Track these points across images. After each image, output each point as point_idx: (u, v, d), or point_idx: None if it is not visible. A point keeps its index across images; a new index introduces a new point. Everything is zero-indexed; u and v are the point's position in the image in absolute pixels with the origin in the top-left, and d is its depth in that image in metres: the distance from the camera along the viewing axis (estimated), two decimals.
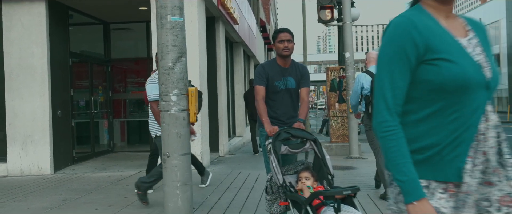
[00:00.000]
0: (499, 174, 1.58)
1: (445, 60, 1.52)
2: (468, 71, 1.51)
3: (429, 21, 1.58)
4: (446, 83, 1.51)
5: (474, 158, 1.55)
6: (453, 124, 1.54)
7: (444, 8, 1.63)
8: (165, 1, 4.20)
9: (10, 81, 8.54)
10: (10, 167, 8.53)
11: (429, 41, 1.53)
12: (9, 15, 8.55)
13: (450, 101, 1.54)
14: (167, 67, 4.19)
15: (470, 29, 1.68)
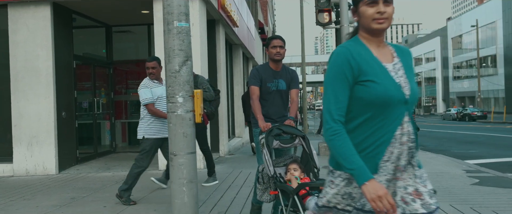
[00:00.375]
0: (409, 172, 1.98)
1: (372, 82, 1.93)
2: (389, 90, 1.93)
3: (362, 50, 2.00)
4: (373, 100, 1.93)
5: (388, 157, 1.95)
6: (377, 130, 1.95)
7: (375, 40, 2.04)
8: (171, 7, 4.42)
9: (15, 83, 8.74)
10: (16, 167, 8.73)
11: (361, 66, 1.95)
12: (14, 18, 8.75)
13: (376, 112, 1.95)
14: (174, 70, 4.40)
15: (396, 56, 2.08)
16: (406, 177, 1.99)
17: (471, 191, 6.25)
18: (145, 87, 5.78)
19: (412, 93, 1.99)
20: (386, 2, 1.99)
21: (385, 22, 2.00)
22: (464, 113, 43.23)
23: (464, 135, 21.21)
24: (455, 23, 66.29)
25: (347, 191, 2.01)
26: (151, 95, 5.72)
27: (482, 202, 5.51)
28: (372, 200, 1.84)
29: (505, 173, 8.12)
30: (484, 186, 6.58)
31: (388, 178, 1.97)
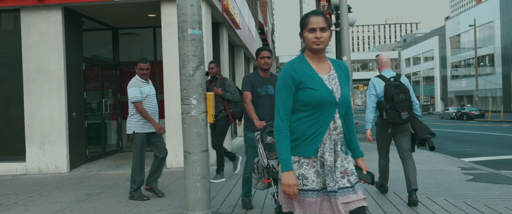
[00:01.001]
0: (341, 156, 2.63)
1: (310, 88, 2.58)
2: (323, 95, 2.58)
3: (304, 66, 2.65)
4: (310, 101, 2.58)
5: (324, 143, 2.59)
6: (315, 123, 2.60)
7: (316, 56, 2.67)
8: (186, 16, 4.77)
9: (28, 85, 9.08)
10: (29, 165, 9.07)
11: (301, 78, 2.61)
12: (27, 22, 9.09)
13: (313, 111, 2.60)
14: (188, 74, 4.76)
15: (333, 68, 2.71)
16: (339, 159, 2.61)
17: (465, 186, 6.61)
18: (135, 86, 6.15)
19: (342, 97, 2.62)
20: (323, 29, 2.59)
21: (322, 44, 2.61)
22: (462, 112, 43.61)
23: (462, 134, 21.58)
24: (453, 22, 66.70)
25: (300, 172, 2.60)
26: (139, 94, 6.10)
27: (474, 196, 5.87)
28: (283, 185, 2.55)
29: (498, 170, 8.48)
30: (478, 182, 6.94)
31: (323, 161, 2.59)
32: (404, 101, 5.47)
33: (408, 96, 5.50)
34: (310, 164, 2.58)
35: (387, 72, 5.81)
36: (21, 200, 6.40)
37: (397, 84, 5.57)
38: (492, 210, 5.10)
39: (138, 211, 5.44)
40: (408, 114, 5.48)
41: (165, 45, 9.03)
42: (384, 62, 5.93)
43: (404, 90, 5.51)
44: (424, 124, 5.79)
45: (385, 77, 5.69)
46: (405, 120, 5.50)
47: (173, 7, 8.93)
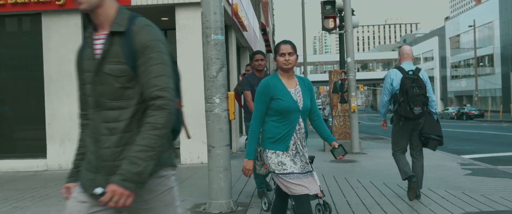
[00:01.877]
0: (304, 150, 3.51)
1: (279, 99, 3.41)
2: (289, 104, 3.40)
3: (277, 81, 3.49)
4: (280, 109, 3.41)
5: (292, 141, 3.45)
6: (284, 125, 3.44)
7: (286, 74, 3.51)
8: (210, 22, 5.26)
9: (49, 86, 9.56)
10: (49, 162, 9.55)
11: (274, 91, 3.43)
12: (48, 26, 9.57)
13: (282, 116, 3.44)
14: (212, 76, 5.24)
15: (298, 84, 3.54)
16: (304, 152, 3.49)
17: (464, 179, 7.10)
18: None
19: (303, 106, 3.47)
20: (290, 54, 3.44)
21: (289, 65, 3.45)
22: (461, 111, 44.08)
23: (461, 133, 22.06)
24: (453, 23, 67.17)
25: (278, 160, 3.41)
26: None
27: (472, 188, 6.36)
28: (243, 167, 3.55)
29: (495, 166, 8.97)
30: (476, 176, 7.42)
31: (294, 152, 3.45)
32: (418, 96, 5.37)
33: (423, 91, 5.39)
34: (285, 154, 3.44)
35: (407, 65, 5.66)
36: (50, 192, 6.88)
37: (414, 78, 5.45)
38: (487, 199, 5.58)
39: None
40: (421, 109, 5.38)
41: (179, 48, 9.50)
42: (405, 54, 5.77)
43: (420, 85, 5.39)
44: (437, 123, 5.66)
45: (404, 70, 5.57)
46: (417, 115, 5.40)
47: (187, 12, 9.41)
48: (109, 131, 1.93)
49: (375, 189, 6.45)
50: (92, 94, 1.97)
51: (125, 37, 1.91)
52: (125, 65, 1.90)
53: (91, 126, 2.00)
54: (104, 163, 1.92)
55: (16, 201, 6.35)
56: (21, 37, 10.15)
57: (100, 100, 1.95)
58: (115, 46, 1.92)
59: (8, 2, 9.40)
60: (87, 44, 2.03)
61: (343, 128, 12.46)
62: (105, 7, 1.98)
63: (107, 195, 1.79)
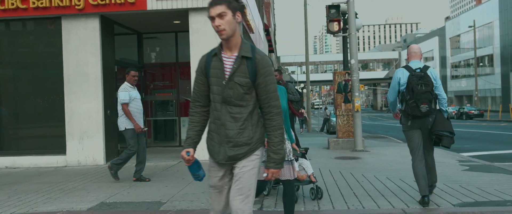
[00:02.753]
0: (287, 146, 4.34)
1: None
2: None
3: None
4: None
5: None
6: None
7: None
8: None
9: (68, 86, 10.07)
10: (69, 158, 10.06)
11: None
12: (67, 29, 10.08)
13: None
14: None
15: None
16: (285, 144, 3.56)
17: (461, 174, 7.61)
18: (125, 91, 7.46)
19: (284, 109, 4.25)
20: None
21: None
22: (461, 111, 44.58)
23: (461, 132, 22.55)
24: (453, 23, 67.67)
25: None
26: (128, 97, 7.39)
27: (469, 182, 6.87)
28: None
29: (492, 162, 9.48)
30: (473, 171, 7.94)
31: None
32: (424, 94, 5.30)
33: (429, 88, 5.31)
34: None
35: (414, 63, 5.59)
36: (77, 185, 7.39)
37: (421, 75, 5.38)
38: (483, 191, 6.10)
39: (184, 192, 6.43)
40: (428, 107, 5.31)
41: (193, 50, 10.00)
42: (413, 53, 5.67)
43: (426, 82, 5.32)
44: (447, 120, 5.55)
45: (411, 68, 5.50)
46: (424, 113, 5.33)
47: (200, 16, 9.91)
48: (233, 119, 2.92)
49: (379, 182, 6.96)
50: (221, 94, 2.92)
51: (250, 61, 2.89)
52: (248, 79, 2.88)
53: (214, 115, 2.98)
54: (228, 139, 2.93)
55: (47, 193, 6.86)
56: (42, 39, 10.66)
57: (227, 99, 2.91)
58: (243, 66, 2.89)
59: (30, 7, 9.91)
60: (215, 59, 2.96)
61: (346, 126, 12.97)
62: (235, 37, 2.92)
63: (269, 175, 2.94)
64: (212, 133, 3.01)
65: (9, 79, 10.63)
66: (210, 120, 3.05)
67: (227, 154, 2.94)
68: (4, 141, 10.58)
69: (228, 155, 2.94)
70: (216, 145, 2.99)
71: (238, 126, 2.92)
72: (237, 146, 2.93)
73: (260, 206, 5.53)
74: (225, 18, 2.88)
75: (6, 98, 10.60)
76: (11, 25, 10.54)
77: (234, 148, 2.93)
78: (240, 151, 2.93)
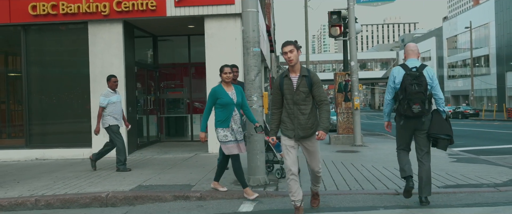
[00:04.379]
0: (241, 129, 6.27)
1: (222, 98, 6.07)
2: (227, 100, 6.07)
3: (220, 89, 6.14)
4: (222, 103, 6.08)
5: (231, 122, 6.13)
6: (225, 112, 6.10)
7: (225, 84, 6.18)
8: (249, 37, 6.78)
9: (94, 85, 11.05)
10: (94, 150, 10.99)
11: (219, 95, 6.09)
12: (93, 33, 11.06)
13: (224, 108, 6.10)
14: (251, 79, 6.76)
15: (233, 89, 6.20)
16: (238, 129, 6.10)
17: (449, 165, 8.63)
18: (105, 96, 8.66)
19: (237, 102, 6.10)
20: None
21: (229, 79, 6.09)
22: (457, 110, 45.63)
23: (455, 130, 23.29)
24: (450, 24, 68.73)
25: (224, 134, 6.06)
26: (106, 102, 8.58)
27: (454, 170, 7.90)
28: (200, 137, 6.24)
29: (478, 156, 10.50)
30: (459, 162, 8.96)
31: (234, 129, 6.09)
32: (417, 94, 5.25)
33: (422, 88, 5.25)
34: (227, 130, 6.06)
35: (411, 61, 5.53)
36: (110, 173, 8.39)
37: (416, 75, 5.32)
38: (465, 177, 7.13)
39: (208, 178, 7.43)
40: (421, 107, 5.25)
41: (208, 53, 10.98)
42: (410, 51, 5.61)
43: (420, 82, 5.25)
44: (445, 122, 5.44)
45: (407, 67, 5.45)
46: (417, 114, 5.29)
47: (215, 22, 10.90)
48: (301, 113, 4.99)
49: (377, 170, 7.98)
50: (292, 99, 4.99)
51: (307, 78, 4.97)
52: (307, 88, 4.96)
53: (289, 112, 5.03)
54: (300, 126, 4.98)
55: (86, 178, 7.86)
56: (70, 42, 11.66)
57: (297, 101, 4.98)
58: (303, 81, 4.97)
59: (60, 13, 10.90)
60: (286, 79, 5.05)
61: (346, 123, 13.99)
62: (298, 64, 5.03)
63: (320, 135, 4.82)
64: (285, 122, 5.09)
65: (39, 79, 11.60)
66: (283, 114, 5.11)
67: (300, 134, 5.00)
68: (34, 135, 11.56)
69: (300, 136, 5.01)
70: (290, 129, 5.05)
71: (305, 118, 4.99)
72: (306, 128, 5.00)
73: (275, 188, 6.54)
74: (293, 53, 4.95)
75: (36, 96, 11.57)
76: (43, 29, 11.52)
77: (303, 130, 5.00)
78: (307, 132, 5.00)
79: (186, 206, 5.90)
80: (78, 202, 6.29)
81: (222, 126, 6.07)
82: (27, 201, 6.33)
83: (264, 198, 6.11)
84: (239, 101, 6.16)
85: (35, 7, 10.93)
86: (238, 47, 10.90)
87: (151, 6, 10.74)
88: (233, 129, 6.14)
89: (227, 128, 6.08)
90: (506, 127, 25.20)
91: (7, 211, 6.18)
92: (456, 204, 5.54)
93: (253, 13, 6.81)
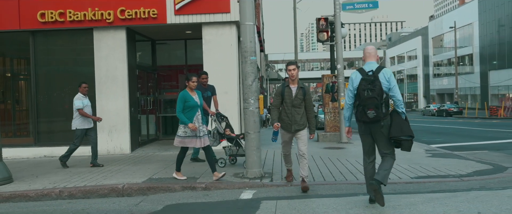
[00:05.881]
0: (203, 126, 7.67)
1: (188, 101, 7.45)
2: (193, 103, 7.49)
3: (187, 94, 7.51)
4: (188, 105, 7.45)
5: (195, 119, 7.49)
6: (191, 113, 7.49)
7: (191, 91, 7.58)
8: (247, 48, 7.69)
9: (99, 87, 11.90)
10: (100, 148, 11.84)
11: (187, 98, 7.46)
12: (98, 39, 11.90)
13: (190, 109, 7.48)
14: (249, 84, 7.68)
15: (196, 94, 7.64)
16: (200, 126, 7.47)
17: (424, 159, 9.64)
18: (79, 99, 9.72)
19: (200, 104, 7.54)
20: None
21: (195, 86, 7.54)
22: (441, 108, 47.00)
23: (436, 128, 24.78)
24: (436, 23, 70.23)
25: (185, 130, 7.41)
26: (82, 105, 9.66)
27: (427, 164, 8.90)
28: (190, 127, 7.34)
29: (452, 151, 11.54)
30: (434, 157, 9.98)
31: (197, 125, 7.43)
32: (370, 99, 5.25)
33: (375, 93, 5.22)
34: (191, 125, 7.26)
35: (369, 65, 5.52)
36: (120, 168, 9.26)
37: (371, 79, 5.31)
38: (436, 170, 8.14)
39: (209, 172, 8.32)
40: (375, 112, 5.24)
41: (205, 57, 11.87)
42: (367, 53, 5.60)
43: (373, 88, 5.24)
44: (405, 123, 5.44)
45: (364, 71, 5.45)
46: (372, 119, 5.30)
47: (212, 29, 11.79)
48: (297, 113, 6.82)
49: (359, 164, 8.96)
50: (291, 103, 6.77)
51: (303, 89, 6.87)
52: (302, 96, 6.83)
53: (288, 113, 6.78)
54: (295, 122, 6.80)
55: (99, 173, 8.72)
56: (76, 47, 12.48)
57: (295, 105, 6.80)
58: (300, 91, 6.84)
59: (67, 20, 11.71)
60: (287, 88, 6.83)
61: (333, 122, 14.97)
62: (297, 78, 6.86)
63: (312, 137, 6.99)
64: (284, 120, 6.80)
65: (47, 80, 12.41)
66: (282, 114, 6.83)
67: (295, 128, 6.74)
68: (42, 133, 12.37)
69: (295, 129, 6.74)
70: (287, 124, 6.76)
71: (299, 117, 6.75)
72: (299, 125, 6.75)
73: (270, 179, 7.48)
74: (295, 71, 6.75)
75: (44, 96, 12.37)
76: (50, 35, 12.32)
77: (298, 125, 6.75)
78: (300, 127, 6.74)
79: (194, 195, 6.82)
80: (97, 193, 7.17)
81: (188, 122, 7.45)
82: (52, 192, 7.19)
83: (260, 188, 7.05)
84: (201, 103, 7.66)
85: (43, 14, 11.72)
86: (233, 52, 11.81)
87: (153, 14, 11.60)
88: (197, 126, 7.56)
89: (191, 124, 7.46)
90: (485, 125, 26.43)
91: (35, 201, 7.04)
92: (424, 190, 6.53)
93: (250, 26, 7.74)
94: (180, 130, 7.49)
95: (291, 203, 5.97)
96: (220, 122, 8.99)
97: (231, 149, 9.01)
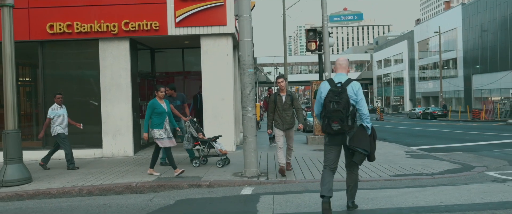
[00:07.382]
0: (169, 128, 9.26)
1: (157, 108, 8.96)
2: (162, 110, 9.04)
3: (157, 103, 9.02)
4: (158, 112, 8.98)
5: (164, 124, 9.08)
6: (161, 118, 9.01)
7: (160, 100, 9.12)
8: (245, 61, 8.67)
9: (104, 94, 12.79)
10: (104, 151, 12.77)
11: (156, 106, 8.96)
12: (103, 49, 12.79)
13: (159, 115, 8.99)
14: (247, 93, 8.66)
15: (165, 103, 9.17)
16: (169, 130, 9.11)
17: (404, 160, 10.69)
18: (54, 110, 10.65)
19: (167, 111, 9.11)
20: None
21: (163, 96, 9.14)
22: (426, 111, 48.39)
23: (419, 131, 25.95)
24: (421, 28, 71.92)
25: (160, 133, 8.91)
26: (53, 115, 10.55)
27: (406, 164, 9.95)
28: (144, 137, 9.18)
29: (430, 153, 12.62)
30: (412, 158, 11.03)
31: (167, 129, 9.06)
32: (335, 112, 5.25)
33: (341, 106, 5.23)
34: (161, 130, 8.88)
35: (338, 76, 5.56)
36: (128, 168, 10.16)
37: (338, 91, 5.31)
38: (412, 169, 9.19)
39: (212, 171, 9.29)
40: (340, 125, 5.25)
41: (203, 67, 12.82)
42: (338, 65, 5.63)
43: (338, 101, 5.25)
44: (366, 137, 5.44)
45: (333, 82, 5.47)
46: (336, 131, 5.30)
47: (209, 40, 12.74)
48: (287, 115, 8.91)
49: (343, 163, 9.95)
50: (282, 108, 8.82)
51: (290, 96, 8.96)
52: (290, 102, 8.92)
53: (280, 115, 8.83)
54: (285, 122, 8.92)
55: (110, 174, 9.62)
56: (82, 57, 13.35)
57: (284, 109, 8.86)
58: (288, 98, 8.94)
59: (74, 31, 12.59)
60: (278, 96, 8.89)
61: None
62: (285, 88, 8.95)
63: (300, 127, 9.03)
64: (277, 120, 8.78)
65: (55, 87, 13.23)
66: (275, 116, 8.78)
67: (285, 127, 8.74)
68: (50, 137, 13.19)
69: (286, 127, 8.73)
70: (280, 124, 8.76)
71: (289, 118, 8.76)
72: (289, 124, 8.73)
73: (266, 178, 8.46)
74: (284, 82, 8.78)
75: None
76: (58, 45, 13.18)
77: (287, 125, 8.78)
78: (290, 126, 8.74)
79: (200, 192, 7.77)
80: (113, 190, 8.09)
81: (158, 127, 8.90)
82: (72, 190, 8.10)
83: (258, 185, 8.03)
84: (169, 110, 9.15)
85: (52, 26, 12.59)
86: (229, 61, 12.78)
87: (155, 27, 12.53)
88: (167, 129, 9.03)
89: (161, 129, 8.93)
90: (466, 128, 27.70)
91: (57, 198, 7.93)
92: (400, 186, 7.56)
93: (248, 42, 8.72)
94: (155, 134, 8.91)
95: (286, 197, 6.95)
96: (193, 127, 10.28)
97: (204, 150, 10.21)
